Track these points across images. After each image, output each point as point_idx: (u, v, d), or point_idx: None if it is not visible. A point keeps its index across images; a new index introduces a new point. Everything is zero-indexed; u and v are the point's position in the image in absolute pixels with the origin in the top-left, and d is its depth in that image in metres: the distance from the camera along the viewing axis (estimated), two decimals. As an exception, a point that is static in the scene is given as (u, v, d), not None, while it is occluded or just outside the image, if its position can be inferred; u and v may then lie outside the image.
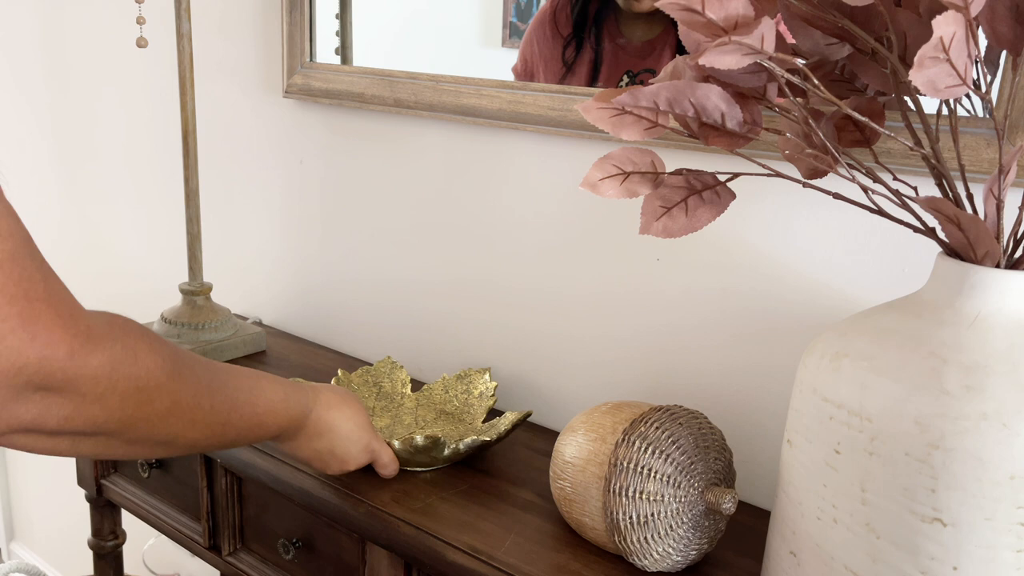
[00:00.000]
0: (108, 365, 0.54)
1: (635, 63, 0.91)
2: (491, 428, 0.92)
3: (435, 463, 0.87)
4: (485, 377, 1.00)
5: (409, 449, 0.84)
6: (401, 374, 1.04)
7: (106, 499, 1.15)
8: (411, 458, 0.86)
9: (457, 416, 0.99)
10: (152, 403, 0.58)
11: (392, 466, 0.84)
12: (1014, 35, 0.53)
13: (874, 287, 0.77)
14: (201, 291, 1.13)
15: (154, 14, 1.17)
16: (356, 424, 0.81)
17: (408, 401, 1.02)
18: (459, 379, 1.01)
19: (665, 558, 0.71)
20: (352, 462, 0.82)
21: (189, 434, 0.64)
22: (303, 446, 0.79)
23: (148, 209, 1.47)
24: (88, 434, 0.56)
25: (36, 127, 1.64)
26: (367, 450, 0.82)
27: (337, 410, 0.80)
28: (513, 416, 0.91)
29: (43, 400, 0.51)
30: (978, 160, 0.68)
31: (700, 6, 0.50)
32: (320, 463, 0.81)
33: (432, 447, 0.84)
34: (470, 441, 0.85)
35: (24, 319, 0.48)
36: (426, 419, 0.99)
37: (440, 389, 1.02)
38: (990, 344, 0.52)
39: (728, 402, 0.88)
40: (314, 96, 1.13)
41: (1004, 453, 0.49)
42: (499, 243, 1.03)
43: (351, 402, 0.82)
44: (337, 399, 0.81)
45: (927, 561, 0.52)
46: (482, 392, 0.99)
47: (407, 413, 1.00)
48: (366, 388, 1.02)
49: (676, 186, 0.60)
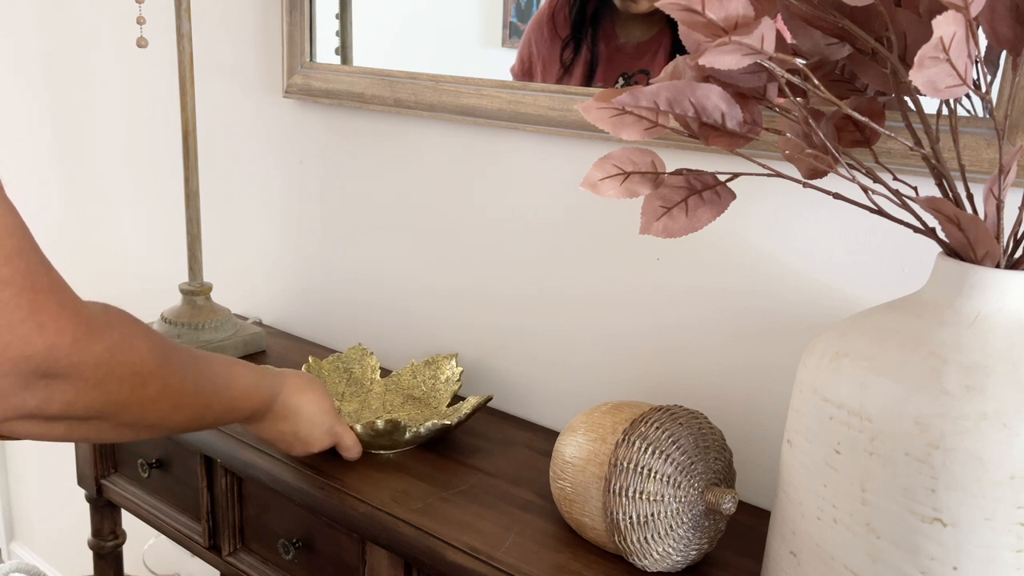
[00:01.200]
0: (108, 352, 0.56)
1: (630, 64, 0.91)
2: (453, 412, 0.95)
3: (397, 446, 0.90)
4: (452, 363, 1.02)
5: (371, 432, 0.87)
6: (371, 360, 1.06)
7: (106, 499, 1.15)
8: (373, 441, 0.88)
9: (424, 401, 1.02)
10: (145, 387, 0.61)
11: (355, 448, 0.87)
12: (1014, 35, 0.53)
13: (874, 287, 0.77)
14: (201, 291, 1.14)
15: (154, 14, 1.17)
16: (320, 408, 0.84)
17: (377, 386, 1.04)
18: (427, 364, 1.04)
19: (665, 558, 0.71)
20: (316, 444, 0.85)
21: (174, 417, 0.67)
22: (269, 428, 0.82)
23: (148, 209, 1.47)
24: (85, 419, 0.58)
25: (36, 127, 1.64)
26: (330, 433, 0.85)
27: (303, 394, 0.83)
28: (475, 400, 0.93)
29: (48, 386, 0.53)
30: (978, 160, 0.68)
31: (700, 6, 0.50)
32: (285, 444, 0.85)
33: (392, 430, 0.87)
34: (431, 425, 0.88)
35: (32, 310, 0.51)
36: (393, 404, 1.02)
37: (408, 375, 1.04)
38: (990, 344, 0.52)
39: (728, 402, 0.88)
40: (314, 96, 1.13)
41: (1004, 453, 0.49)
42: (499, 243, 1.03)
43: (316, 387, 0.85)
44: (303, 384, 0.84)
45: (927, 561, 0.52)
46: (448, 377, 1.02)
47: (375, 398, 1.03)
48: (336, 374, 1.05)
49: (676, 186, 0.60)
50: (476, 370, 1.08)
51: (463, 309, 1.08)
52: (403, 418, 0.96)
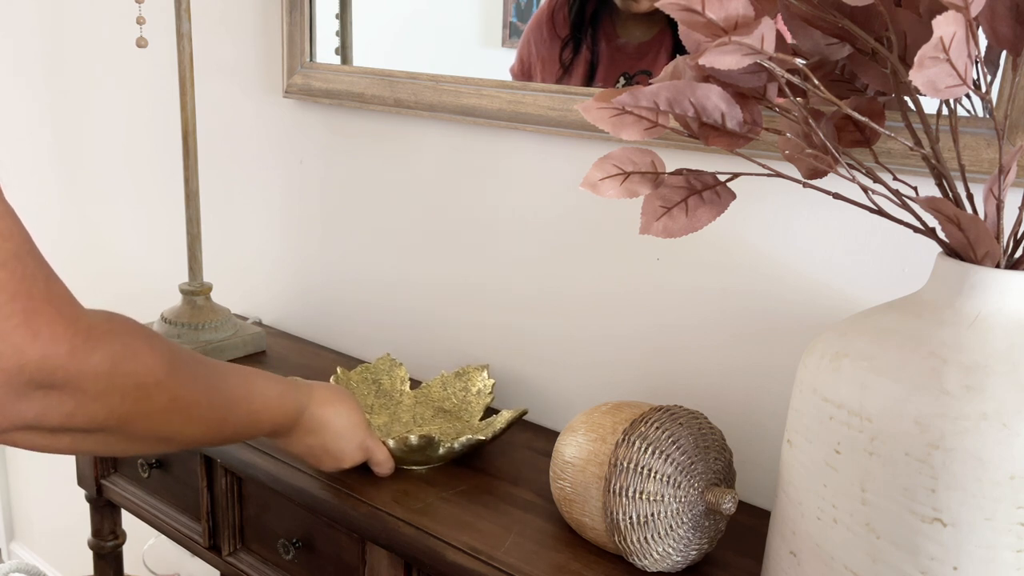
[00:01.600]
0: (108, 362, 0.54)
1: (631, 64, 0.91)
2: (487, 427, 0.92)
3: (430, 461, 0.87)
4: (483, 375, 1.00)
5: (404, 448, 0.84)
6: (400, 371, 1.04)
7: (106, 499, 1.15)
8: (406, 456, 0.86)
9: (455, 414, 0.99)
10: (151, 399, 0.59)
11: (387, 464, 0.84)
12: (1014, 35, 0.53)
13: (874, 287, 0.77)
14: (201, 291, 1.13)
15: (154, 14, 1.17)
16: (351, 421, 0.81)
17: (407, 399, 1.02)
18: (457, 376, 1.01)
19: (665, 558, 0.71)
20: (346, 459, 0.82)
21: (188, 430, 0.64)
22: (297, 442, 0.79)
23: (148, 209, 1.47)
24: (89, 431, 0.56)
25: (36, 127, 1.64)
26: (361, 448, 0.82)
27: (331, 407, 0.80)
28: (509, 414, 0.91)
29: (45, 397, 0.52)
30: (978, 160, 0.68)
31: (700, 6, 0.50)
32: (314, 459, 0.81)
33: (427, 446, 0.84)
34: (465, 440, 0.85)
35: (26, 316, 0.49)
36: (424, 416, 1.00)
37: (438, 386, 1.02)
38: (990, 344, 0.52)
39: (728, 402, 0.88)
40: (314, 96, 1.13)
41: (1004, 453, 0.49)
42: (499, 243, 1.03)
43: (346, 400, 0.82)
44: (332, 396, 0.81)
45: (927, 561, 0.52)
46: (480, 389, 0.99)
47: (405, 411, 1.00)
48: (365, 385, 1.02)
49: (676, 186, 0.60)
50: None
51: (463, 309, 1.08)
52: (435, 432, 0.94)
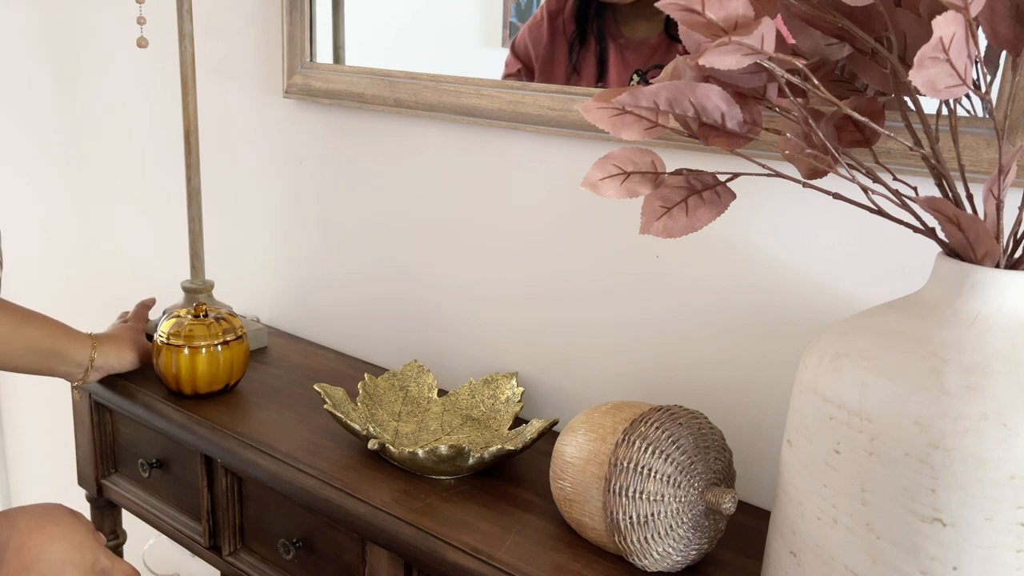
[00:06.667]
0: None
1: (643, 61, 0.91)
2: (517, 436, 0.90)
3: (460, 471, 0.86)
4: (512, 382, 0.98)
5: (433, 458, 0.83)
6: (428, 378, 1.02)
7: (106, 499, 1.15)
8: (435, 467, 0.84)
9: (483, 422, 0.97)
10: None
11: None
12: (1014, 35, 0.53)
13: (874, 287, 0.77)
14: (203, 288, 1.14)
15: (155, 14, 1.17)
16: (71, 544, 0.67)
17: (435, 406, 1.00)
18: (485, 384, 1.00)
19: (665, 558, 0.71)
20: None
21: None
22: None
23: (150, 208, 1.47)
24: None
25: (38, 128, 1.64)
26: (94, 571, 0.69)
27: (41, 532, 0.66)
28: (539, 424, 0.89)
29: None
30: (978, 160, 0.68)
31: (700, 6, 0.50)
32: None
33: (456, 456, 0.82)
34: (495, 450, 0.84)
35: None
36: (452, 425, 0.98)
37: (466, 394, 1.00)
38: (990, 344, 0.52)
39: (728, 402, 0.88)
40: (314, 96, 1.13)
41: (1004, 453, 0.49)
42: (499, 243, 1.03)
43: (59, 518, 0.68)
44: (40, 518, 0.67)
45: (927, 561, 0.52)
46: (508, 398, 0.97)
47: (433, 419, 0.99)
48: (392, 392, 1.00)
49: (676, 186, 0.60)
50: (476, 371, 1.08)
51: (463, 308, 1.08)
52: (465, 442, 0.92)
